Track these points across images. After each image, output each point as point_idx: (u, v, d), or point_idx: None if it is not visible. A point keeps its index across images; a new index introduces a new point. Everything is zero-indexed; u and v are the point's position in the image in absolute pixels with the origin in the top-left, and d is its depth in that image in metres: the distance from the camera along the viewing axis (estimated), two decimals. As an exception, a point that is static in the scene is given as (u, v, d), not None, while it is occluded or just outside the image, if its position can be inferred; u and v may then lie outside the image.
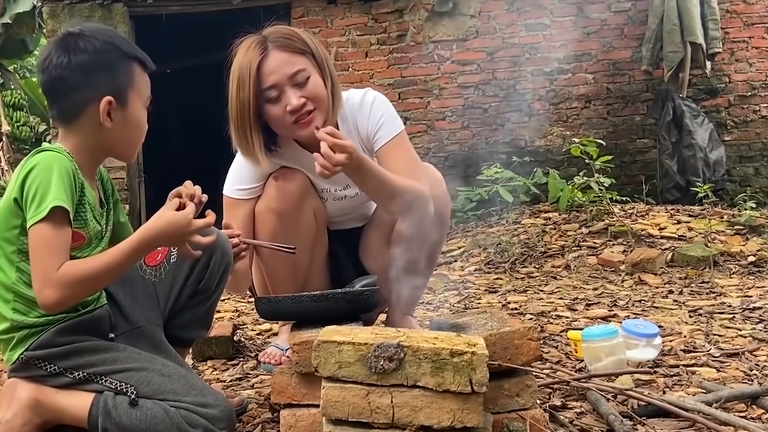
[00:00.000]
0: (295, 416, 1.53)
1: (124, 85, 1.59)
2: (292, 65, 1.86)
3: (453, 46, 6.28)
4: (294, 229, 1.98)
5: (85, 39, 1.57)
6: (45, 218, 1.44)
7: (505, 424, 1.49)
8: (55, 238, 1.45)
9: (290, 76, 1.86)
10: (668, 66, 5.80)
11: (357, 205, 2.18)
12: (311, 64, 1.90)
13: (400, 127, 2.05)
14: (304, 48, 1.90)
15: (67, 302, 1.49)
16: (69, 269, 1.46)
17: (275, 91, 1.86)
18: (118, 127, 1.59)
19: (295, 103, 1.85)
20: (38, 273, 1.45)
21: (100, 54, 1.57)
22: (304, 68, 1.87)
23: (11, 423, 1.53)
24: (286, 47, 1.88)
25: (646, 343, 2.09)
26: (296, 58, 1.88)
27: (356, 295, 1.66)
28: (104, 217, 1.66)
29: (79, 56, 1.55)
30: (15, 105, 8.92)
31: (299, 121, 1.88)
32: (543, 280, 3.79)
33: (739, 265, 3.75)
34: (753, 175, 6.17)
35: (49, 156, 1.51)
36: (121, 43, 1.62)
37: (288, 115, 1.87)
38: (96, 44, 1.57)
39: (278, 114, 1.88)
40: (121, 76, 1.59)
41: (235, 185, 2.07)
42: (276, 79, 1.85)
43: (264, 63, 1.85)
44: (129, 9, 6.29)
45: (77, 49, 1.56)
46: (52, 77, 1.57)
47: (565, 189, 5.06)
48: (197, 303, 1.73)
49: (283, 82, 1.86)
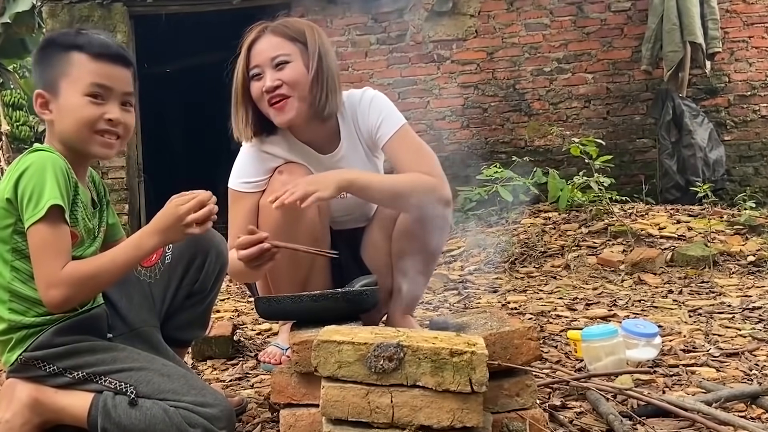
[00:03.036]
0: (294, 416, 1.53)
1: (55, 76, 1.57)
2: (276, 49, 1.95)
3: (453, 46, 6.28)
4: (297, 224, 1.99)
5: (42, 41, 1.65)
6: (43, 218, 1.44)
7: (504, 424, 1.49)
8: (55, 238, 1.46)
9: (272, 58, 1.94)
10: (668, 66, 5.80)
11: (360, 204, 2.18)
12: (299, 52, 1.96)
13: (401, 121, 2.07)
14: (297, 36, 1.97)
15: (72, 301, 1.50)
16: (73, 268, 1.47)
17: (258, 70, 1.96)
18: (57, 119, 1.58)
19: (269, 84, 1.93)
20: (42, 274, 1.46)
21: (40, 51, 1.62)
22: (289, 53, 1.95)
23: (11, 423, 1.53)
24: (279, 33, 1.97)
25: (645, 343, 2.09)
26: (285, 44, 1.95)
27: (356, 295, 1.65)
28: (96, 216, 1.66)
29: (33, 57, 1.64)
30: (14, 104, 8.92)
31: (273, 103, 1.95)
32: (543, 279, 3.80)
33: (738, 264, 3.75)
34: (753, 175, 6.17)
35: (42, 156, 1.51)
36: (61, 35, 1.63)
37: (264, 94, 1.95)
38: (42, 43, 1.64)
39: (257, 93, 1.97)
40: (51, 67, 1.59)
41: (240, 178, 2.08)
42: (259, 60, 1.95)
43: (255, 44, 1.96)
44: (129, 9, 6.29)
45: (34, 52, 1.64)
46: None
47: (564, 189, 5.06)
48: (193, 304, 1.73)
49: (264, 63, 1.95)
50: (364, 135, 2.08)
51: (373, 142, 2.08)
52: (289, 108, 1.95)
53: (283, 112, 1.95)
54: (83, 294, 1.51)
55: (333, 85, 1.99)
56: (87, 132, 1.55)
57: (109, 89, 1.57)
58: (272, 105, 1.95)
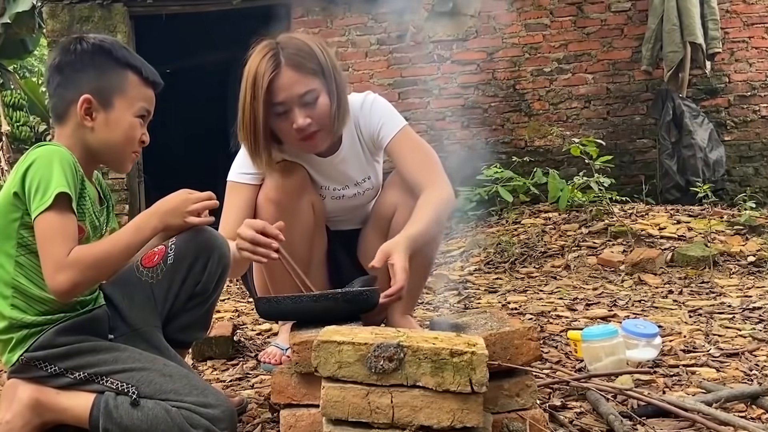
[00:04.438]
0: (295, 416, 1.53)
1: (110, 88, 1.62)
2: (302, 85, 1.91)
3: (453, 46, 6.28)
4: (292, 221, 1.99)
5: (81, 42, 1.65)
6: (50, 206, 1.46)
7: (504, 424, 1.49)
8: (62, 225, 1.47)
9: (300, 96, 1.91)
10: (668, 66, 5.80)
11: (356, 205, 2.19)
12: (319, 82, 1.94)
13: (402, 122, 2.10)
14: (316, 67, 1.94)
15: (80, 286, 1.50)
16: (79, 252, 1.48)
17: (283, 108, 1.92)
18: (99, 129, 1.62)
19: (301, 123, 1.92)
20: (49, 260, 1.47)
21: (88, 55, 1.63)
22: (314, 89, 1.93)
23: (11, 423, 1.53)
24: (299, 67, 1.92)
25: (645, 343, 2.09)
26: (307, 79, 1.92)
27: (356, 295, 1.66)
28: (103, 214, 1.69)
29: (69, 56, 1.64)
30: (15, 105, 8.91)
31: (304, 139, 1.96)
32: (543, 280, 3.80)
33: (738, 265, 3.75)
34: (753, 175, 6.17)
35: (49, 149, 1.54)
36: (116, 49, 1.66)
37: (293, 131, 1.94)
38: (87, 46, 1.64)
39: (285, 128, 1.96)
40: (107, 78, 1.62)
41: (239, 170, 2.10)
42: (285, 97, 1.91)
43: (276, 79, 1.90)
44: (129, 9, 6.29)
45: (70, 50, 1.64)
46: (47, 77, 1.65)
47: (564, 189, 5.06)
48: (195, 305, 1.73)
49: (292, 101, 1.92)
50: (366, 138, 2.12)
51: (375, 144, 2.12)
52: (319, 141, 1.98)
53: (313, 146, 1.99)
54: (90, 278, 1.51)
55: (346, 103, 2.02)
56: (128, 149, 1.67)
57: (149, 114, 1.69)
58: (302, 140, 1.96)
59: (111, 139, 1.63)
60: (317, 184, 2.14)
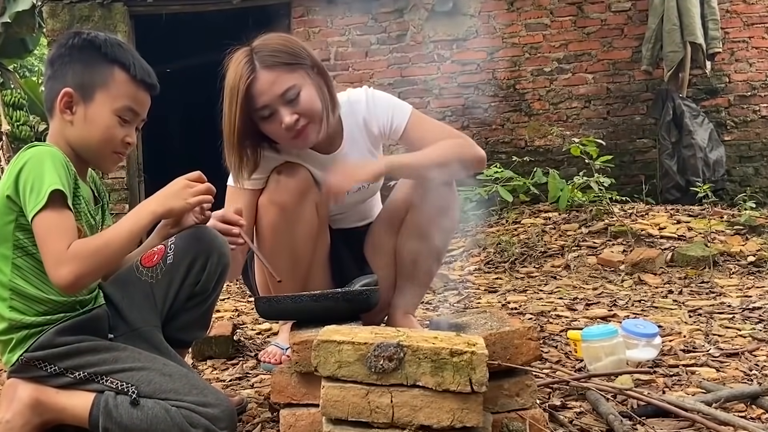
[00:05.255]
0: (294, 416, 1.53)
1: (92, 82, 1.60)
2: (280, 84, 1.87)
3: (453, 46, 6.28)
4: (295, 223, 1.99)
5: (75, 37, 1.64)
6: (46, 205, 1.45)
7: (504, 424, 1.49)
8: (59, 221, 1.47)
9: (280, 95, 1.87)
10: (668, 66, 5.80)
11: (359, 200, 2.19)
12: (301, 76, 1.90)
13: (409, 107, 2.12)
14: (293, 61, 1.90)
15: (84, 278, 1.48)
16: (79, 245, 1.47)
17: (268, 110, 1.89)
18: (78, 124, 1.60)
19: (288, 121, 1.88)
20: (50, 256, 1.46)
21: (77, 49, 1.62)
22: (294, 84, 1.88)
23: (11, 423, 1.53)
24: (273, 66, 1.87)
25: (645, 343, 2.09)
26: (284, 76, 1.88)
27: (356, 295, 1.66)
28: (99, 213, 1.68)
29: (61, 50, 1.63)
30: (15, 104, 8.90)
31: (296, 136, 1.92)
32: (543, 279, 3.80)
33: (738, 265, 3.75)
34: (753, 175, 6.17)
35: (40, 150, 1.53)
36: (107, 45, 1.63)
37: (284, 131, 1.91)
38: (78, 41, 1.63)
39: (275, 130, 1.92)
40: (91, 73, 1.60)
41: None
42: (267, 99, 1.87)
43: (253, 84, 1.86)
44: (129, 8, 6.29)
45: (63, 44, 1.64)
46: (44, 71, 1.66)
47: (564, 189, 5.06)
48: (195, 305, 1.72)
49: (274, 102, 1.88)
50: (374, 134, 2.10)
51: (388, 136, 2.11)
52: (311, 134, 1.94)
53: (307, 140, 1.95)
54: (92, 269, 1.49)
55: (333, 89, 2.00)
56: (106, 149, 1.63)
57: (136, 114, 1.65)
58: (293, 137, 1.93)
59: (88, 135, 1.60)
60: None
